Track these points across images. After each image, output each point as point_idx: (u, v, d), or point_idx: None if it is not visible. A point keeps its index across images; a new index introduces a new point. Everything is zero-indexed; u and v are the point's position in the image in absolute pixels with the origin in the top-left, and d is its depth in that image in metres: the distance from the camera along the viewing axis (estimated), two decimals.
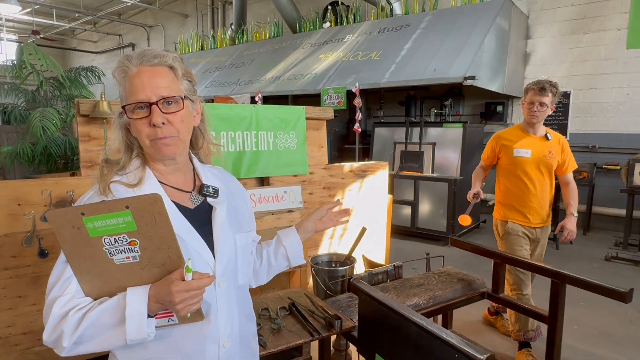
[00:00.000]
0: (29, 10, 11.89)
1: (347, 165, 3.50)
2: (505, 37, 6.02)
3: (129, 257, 0.84)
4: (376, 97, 7.72)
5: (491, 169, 2.99)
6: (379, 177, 3.64)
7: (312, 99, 6.60)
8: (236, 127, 2.90)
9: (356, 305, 1.99)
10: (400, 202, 5.58)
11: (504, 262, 2.26)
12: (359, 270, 2.84)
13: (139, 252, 0.84)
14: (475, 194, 2.86)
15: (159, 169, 1.01)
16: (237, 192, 1.14)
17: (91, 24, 14.73)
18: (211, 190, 1.03)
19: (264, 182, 3.09)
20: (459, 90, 7.13)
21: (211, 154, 1.12)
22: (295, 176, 3.20)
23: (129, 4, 11.93)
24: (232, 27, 10.19)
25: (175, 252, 0.85)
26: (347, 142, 7.66)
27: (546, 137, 2.65)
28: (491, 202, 7.17)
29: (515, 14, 6.30)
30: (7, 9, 8.86)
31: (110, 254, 0.84)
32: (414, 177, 5.54)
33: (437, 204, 5.39)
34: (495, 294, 2.28)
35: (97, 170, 0.98)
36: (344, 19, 8.12)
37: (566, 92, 6.51)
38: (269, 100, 7.16)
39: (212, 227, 1.01)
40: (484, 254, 2.40)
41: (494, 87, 5.81)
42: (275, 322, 1.79)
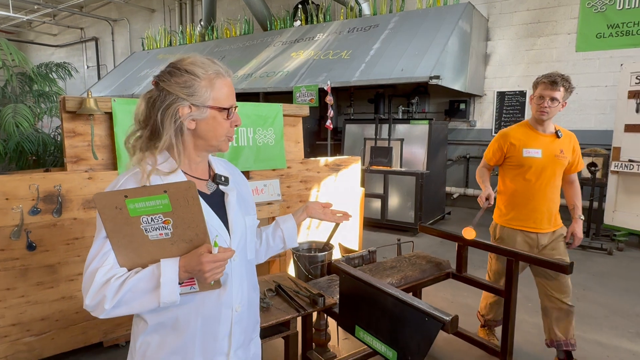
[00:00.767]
0: None
1: (323, 160, 3.69)
2: (467, 39, 6.38)
3: (162, 234, 0.98)
4: (346, 94, 7.95)
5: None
6: (352, 171, 3.85)
7: (284, 97, 6.75)
8: None
9: (335, 286, 2.19)
10: (370, 195, 5.84)
11: (466, 245, 2.52)
12: (336, 256, 3.04)
13: (171, 230, 0.98)
14: (487, 197, 2.47)
15: (194, 159, 1.14)
16: (241, 181, 1.31)
17: (50, 17, 14.18)
18: (223, 179, 1.19)
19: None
20: (424, 88, 7.47)
21: None
22: (273, 170, 3.36)
23: None
24: (202, 23, 10.14)
25: (202, 230, 1.00)
26: (319, 139, 7.86)
27: (557, 135, 2.40)
28: (455, 195, 7.58)
29: (476, 17, 6.68)
30: None
31: (146, 230, 0.97)
32: (383, 172, 5.80)
33: (406, 197, 5.69)
34: (459, 273, 2.54)
35: (136, 155, 1.08)
36: (314, 18, 8.29)
37: (522, 91, 6.98)
38: (241, 97, 7.23)
39: (225, 211, 1.17)
40: (449, 238, 2.66)
41: (457, 86, 6.16)
42: (264, 301, 1.95)
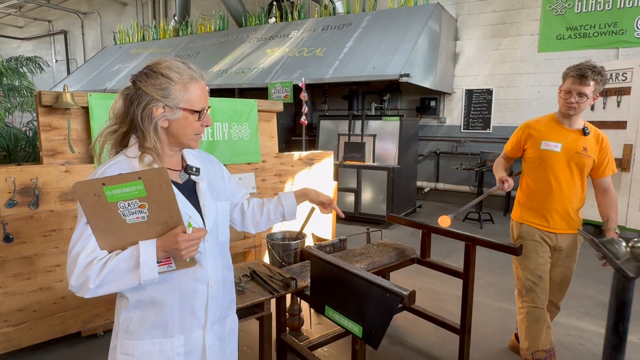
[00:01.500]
0: None
1: (297, 154, 3.82)
2: (436, 38, 6.62)
3: (139, 217, 1.08)
4: (321, 91, 8.08)
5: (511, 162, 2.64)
6: (325, 165, 4.00)
7: (259, 93, 6.83)
8: None
9: (307, 271, 2.33)
10: (344, 189, 6.01)
11: (430, 232, 2.71)
12: (309, 245, 3.18)
13: (147, 213, 1.08)
14: (501, 179, 2.43)
15: (167, 153, 1.24)
16: (214, 170, 1.41)
17: (16, 8, 13.71)
18: (194, 169, 1.30)
19: None
20: (397, 86, 7.69)
21: None
22: (248, 164, 3.47)
23: None
24: (176, 18, 10.06)
25: (176, 212, 1.10)
26: (294, 134, 7.97)
27: (583, 132, 2.22)
28: (427, 189, 7.85)
29: (445, 18, 6.93)
30: None
31: (123, 215, 1.06)
32: (356, 167, 5.98)
33: (378, 191, 5.88)
34: (422, 259, 2.73)
35: (112, 150, 1.21)
36: (289, 15, 8.38)
37: (489, 89, 7.29)
38: (216, 93, 7.26)
39: (197, 198, 1.28)
40: (414, 226, 2.84)
41: (427, 84, 6.39)
42: (239, 285, 2.07)
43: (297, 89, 6.21)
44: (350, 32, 6.94)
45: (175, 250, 1.08)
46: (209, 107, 1.26)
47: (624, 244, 0.82)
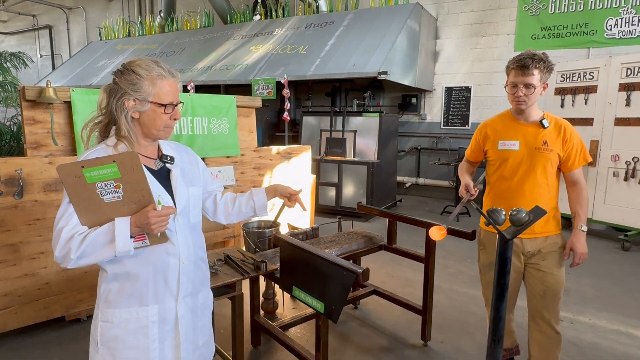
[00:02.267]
0: None
1: (275, 148, 3.98)
2: (415, 37, 6.81)
3: (115, 197, 1.22)
4: (305, 88, 8.23)
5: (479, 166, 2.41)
6: (303, 159, 4.16)
7: (243, 89, 6.95)
8: None
9: (279, 256, 2.50)
10: (326, 184, 6.18)
11: (395, 220, 2.89)
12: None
13: (122, 193, 1.22)
14: (466, 186, 2.13)
15: (143, 143, 1.40)
16: (188, 160, 1.56)
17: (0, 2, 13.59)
18: (168, 158, 1.46)
19: None
20: (379, 83, 7.87)
21: None
22: (228, 157, 3.62)
23: None
24: (161, 14, 10.11)
25: (147, 192, 1.24)
26: (278, 130, 8.11)
27: (541, 124, 2.02)
28: (408, 184, 8.06)
29: (424, 17, 7.12)
30: None
31: (101, 194, 1.21)
32: (337, 162, 6.15)
33: (358, 185, 6.07)
34: (389, 245, 2.91)
35: (114, 139, 1.34)
36: (274, 13, 8.50)
37: (468, 86, 7.52)
38: (201, 89, 7.37)
39: (171, 182, 1.44)
40: (382, 215, 3.03)
41: (406, 82, 6.58)
42: (213, 268, 2.23)
43: (280, 86, 6.36)
44: (332, 31, 7.10)
45: (146, 225, 1.22)
46: (180, 103, 1.40)
47: (504, 213, 0.99)
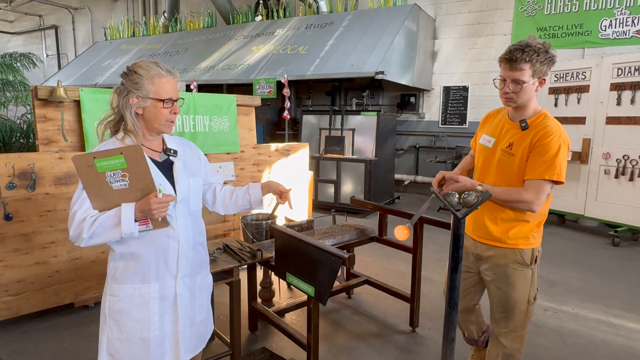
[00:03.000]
0: None
1: (274, 145, 4.14)
2: (413, 37, 6.95)
3: (122, 185, 1.37)
4: (305, 87, 8.39)
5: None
6: (301, 156, 4.32)
7: (245, 88, 7.11)
8: None
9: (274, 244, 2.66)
10: (324, 181, 6.34)
11: (386, 213, 3.05)
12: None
13: (128, 182, 1.37)
14: (439, 180, 1.84)
15: (148, 137, 1.57)
16: (190, 153, 1.72)
17: (6, 2, 13.81)
18: (172, 151, 1.62)
19: None
20: (379, 82, 8.01)
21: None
22: (228, 154, 3.78)
23: None
24: (165, 14, 10.29)
25: (150, 181, 1.40)
26: (279, 129, 8.27)
27: (520, 126, 1.83)
28: (407, 182, 8.20)
29: (422, 18, 7.25)
30: None
31: (110, 182, 1.36)
32: (336, 159, 6.31)
33: (356, 182, 6.22)
34: (380, 237, 3.07)
35: (122, 134, 1.53)
36: (275, 14, 8.66)
37: (465, 86, 7.65)
38: (203, 88, 7.54)
39: (173, 173, 1.60)
40: (374, 209, 3.18)
41: (404, 81, 6.73)
42: (212, 256, 2.39)
43: (280, 85, 6.51)
44: (332, 31, 7.25)
45: (148, 210, 1.37)
46: (180, 99, 1.56)
47: (457, 196, 1.13)
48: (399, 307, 3.22)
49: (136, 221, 1.40)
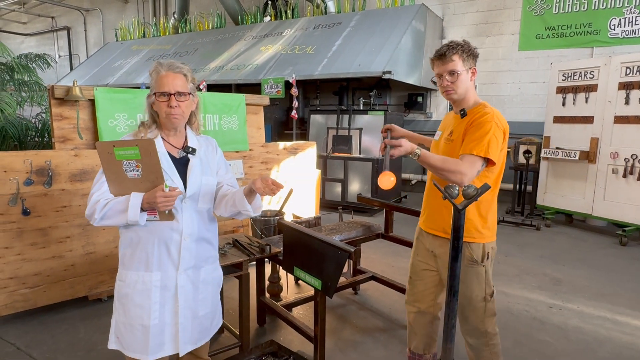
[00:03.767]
0: None
1: (282, 144, 4.21)
2: (421, 37, 6.98)
3: (135, 174, 1.45)
4: (313, 87, 8.45)
5: None
6: (308, 154, 4.38)
7: (254, 88, 7.20)
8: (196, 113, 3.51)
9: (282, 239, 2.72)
10: (332, 179, 6.39)
11: (392, 210, 3.10)
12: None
13: (140, 172, 1.44)
14: (386, 129, 2.08)
15: (167, 133, 1.65)
16: (211, 152, 1.76)
17: (20, 4, 14.07)
18: (190, 149, 1.67)
19: None
20: (386, 82, 8.05)
21: (200, 128, 1.79)
22: (237, 152, 3.86)
23: None
24: (175, 15, 10.42)
25: (159, 174, 1.46)
26: (287, 128, 8.34)
27: (460, 114, 1.91)
28: (414, 181, 8.23)
29: (430, 18, 7.28)
30: None
31: (125, 170, 1.44)
32: (343, 158, 6.36)
33: (363, 181, 6.27)
34: (386, 234, 3.12)
35: (137, 127, 1.63)
36: (283, 14, 8.74)
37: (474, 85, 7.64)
38: (213, 88, 7.64)
39: (187, 170, 1.66)
40: (380, 206, 3.24)
41: (412, 81, 6.76)
42: (222, 250, 2.46)
43: (289, 85, 6.58)
44: (339, 31, 7.30)
45: (154, 202, 1.43)
46: (184, 93, 1.57)
47: (457, 188, 1.18)
48: (403, 302, 3.27)
49: (144, 210, 1.46)
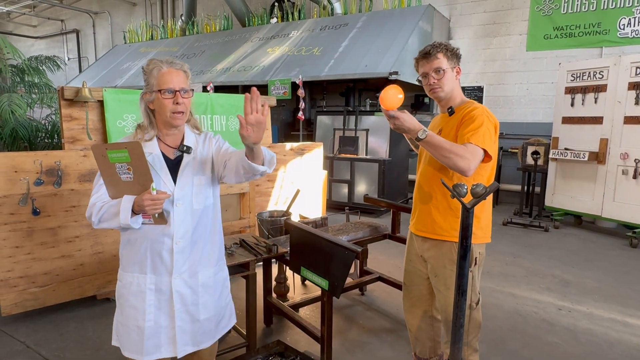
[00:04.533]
0: None
1: (288, 145, 4.21)
2: (427, 38, 6.96)
3: (127, 177, 1.43)
4: (320, 88, 8.46)
5: None
6: (315, 155, 4.39)
7: (260, 89, 7.20)
8: (194, 112, 3.52)
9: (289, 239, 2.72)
10: (338, 180, 6.39)
11: (399, 210, 3.09)
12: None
13: (132, 175, 1.42)
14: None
15: (165, 132, 1.60)
16: (207, 147, 1.68)
17: (30, 8, 14.25)
18: (185, 147, 1.61)
19: None
20: (393, 83, 8.03)
21: (200, 128, 1.73)
22: None
23: None
24: (182, 18, 10.49)
25: (148, 177, 1.42)
26: (293, 129, 8.35)
27: (448, 112, 1.88)
28: None
29: (437, 18, 7.26)
30: None
31: (119, 173, 1.43)
32: (349, 159, 6.36)
33: (370, 182, 6.26)
34: (393, 234, 3.11)
35: (134, 130, 1.60)
36: (290, 16, 8.77)
37: (480, 86, 7.61)
38: (220, 89, 7.67)
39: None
40: (387, 206, 3.22)
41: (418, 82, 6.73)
42: (229, 250, 2.47)
43: (295, 86, 6.60)
44: (346, 32, 7.31)
45: (143, 206, 1.41)
46: (188, 90, 1.54)
47: (466, 187, 1.17)
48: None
49: (137, 214, 1.44)
